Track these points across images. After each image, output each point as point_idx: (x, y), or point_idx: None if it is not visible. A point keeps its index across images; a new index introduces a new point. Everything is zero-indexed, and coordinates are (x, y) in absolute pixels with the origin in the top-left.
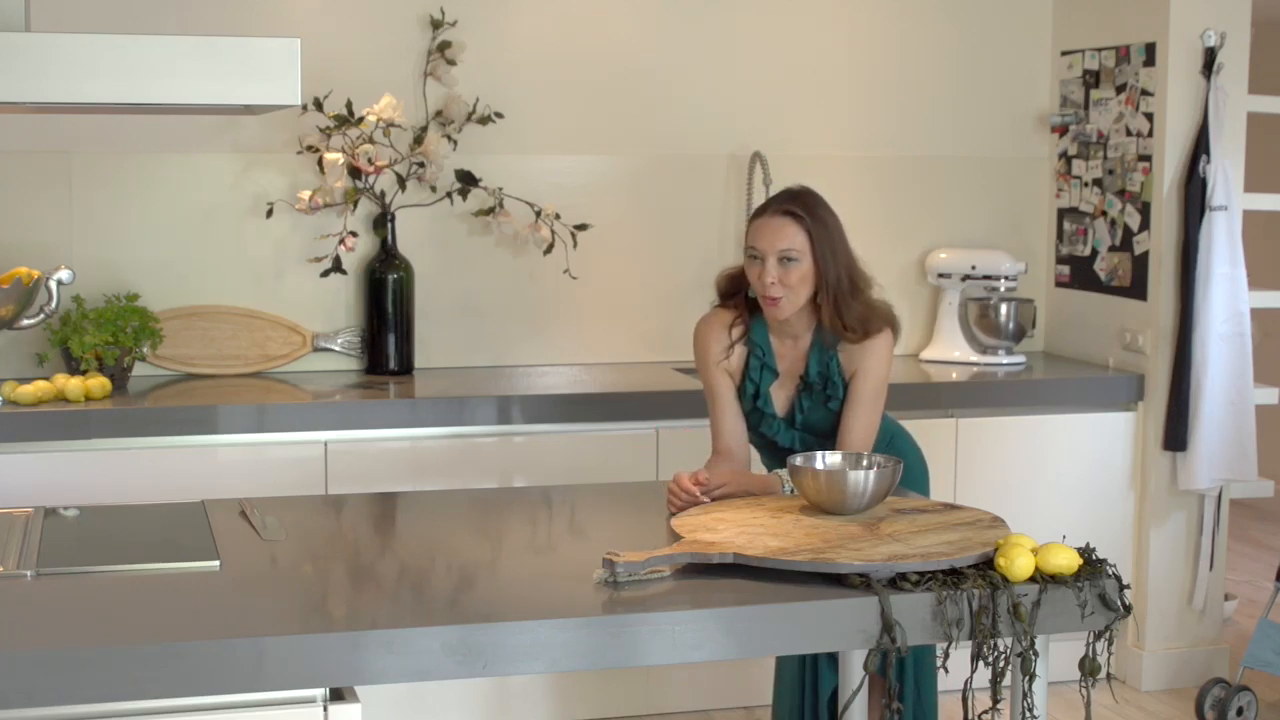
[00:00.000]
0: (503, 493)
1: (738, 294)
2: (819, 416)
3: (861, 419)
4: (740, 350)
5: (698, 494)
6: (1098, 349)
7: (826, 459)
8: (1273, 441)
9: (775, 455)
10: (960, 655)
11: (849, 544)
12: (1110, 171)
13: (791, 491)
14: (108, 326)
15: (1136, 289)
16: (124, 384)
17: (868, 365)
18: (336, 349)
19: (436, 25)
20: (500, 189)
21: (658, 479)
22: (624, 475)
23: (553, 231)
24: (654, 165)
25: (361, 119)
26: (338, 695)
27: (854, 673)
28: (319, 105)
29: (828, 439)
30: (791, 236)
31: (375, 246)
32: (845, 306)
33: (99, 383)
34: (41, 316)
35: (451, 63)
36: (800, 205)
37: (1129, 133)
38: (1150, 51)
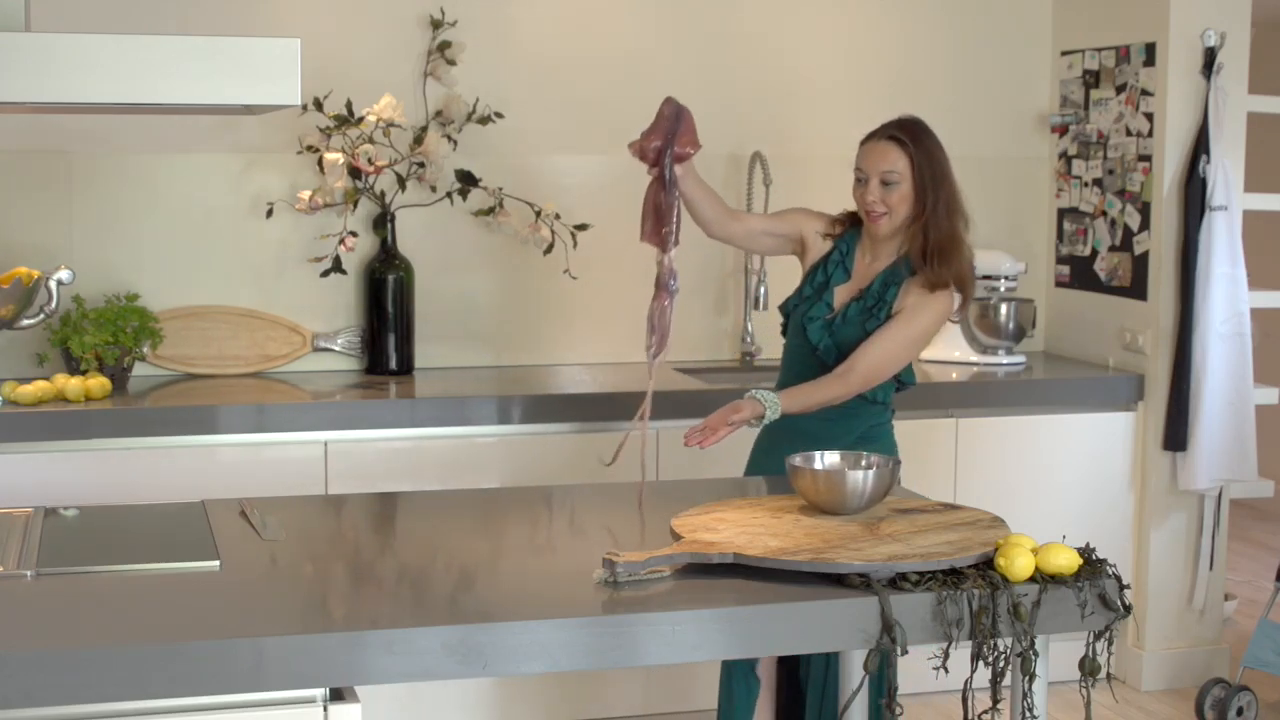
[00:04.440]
0: (503, 493)
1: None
2: (852, 333)
3: (877, 346)
4: (828, 244)
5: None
6: (1098, 349)
7: (825, 459)
8: (1273, 441)
9: (802, 361)
10: (960, 655)
11: (849, 544)
12: (1110, 171)
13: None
14: (108, 326)
15: (1136, 289)
16: (124, 384)
17: (914, 309)
18: (336, 349)
19: (436, 25)
20: (500, 189)
21: (658, 479)
22: (624, 475)
23: (553, 231)
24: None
25: (361, 119)
26: (338, 695)
27: (854, 673)
28: (319, 105)
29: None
30: (894, 160)
31: (375, 246)
32: (934, 229)
33: (99, 383)
34: (41, 316)
35: (451, 63)
36: (905, 132)
37: (1129, 133)
38: (1150, 51)
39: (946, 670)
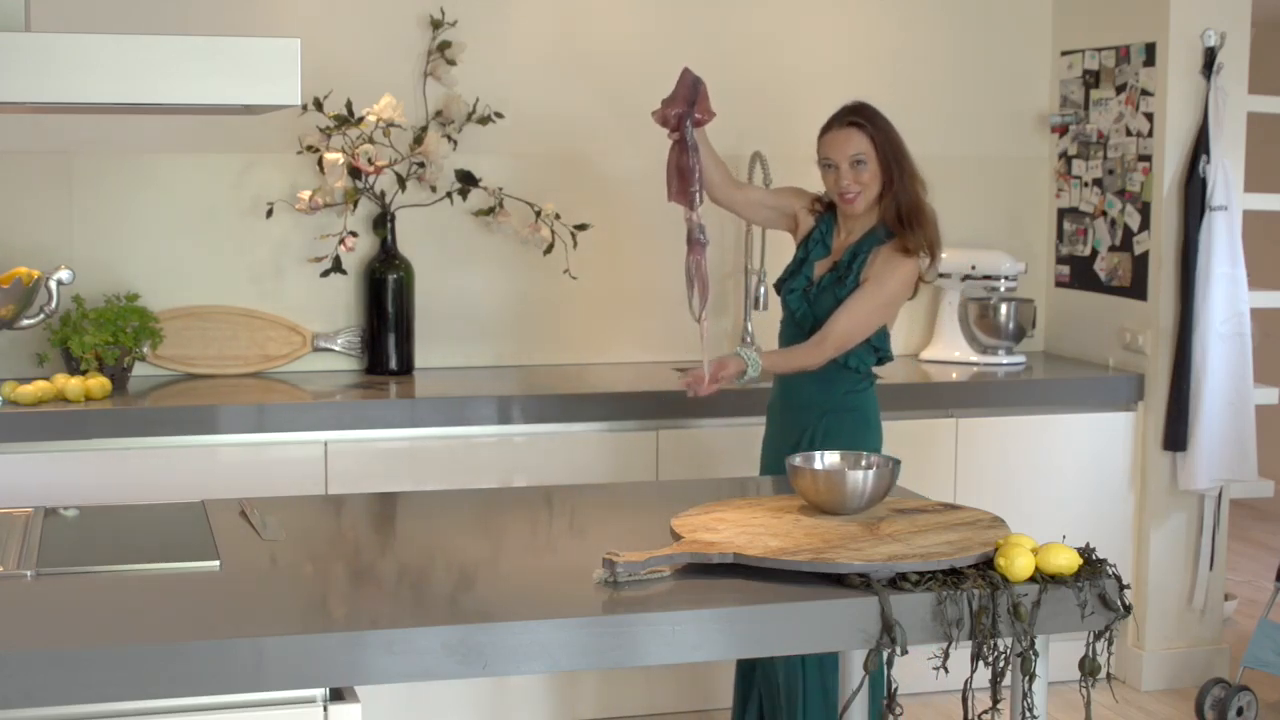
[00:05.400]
0: (503, 493)
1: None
2: (827, 300)
3: (846, 312)
4: (811, 221)
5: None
6: (1098, 349)
7: (825, 459)
8: (1273, 441)
9: (789, 330)
10: (960, 655)
11: (849, 544)
12: (1110, 171)
13: (743, 375)
14: (108, 326)
15: (1136, 289)
16: (124, 384)
17: (880, 275)
18: (336, 349)
19: (436, 25)
20: (500, 189)
21: (657, 479)
22: (624, 475)
23: (553, 231)
24: (654, 165)
25: (361, 119)
26: (338, 695)
27: (854, 673)
28: (319, 105)
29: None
30: (858, 143)
31: (375, 246)
32: (903, 197)
33: (99, 383)
34: (41, 316)
35: (451, 63)
36: (862, 115)
37: (1129, 133)
38: (1150, 51)
39: (946, 670)
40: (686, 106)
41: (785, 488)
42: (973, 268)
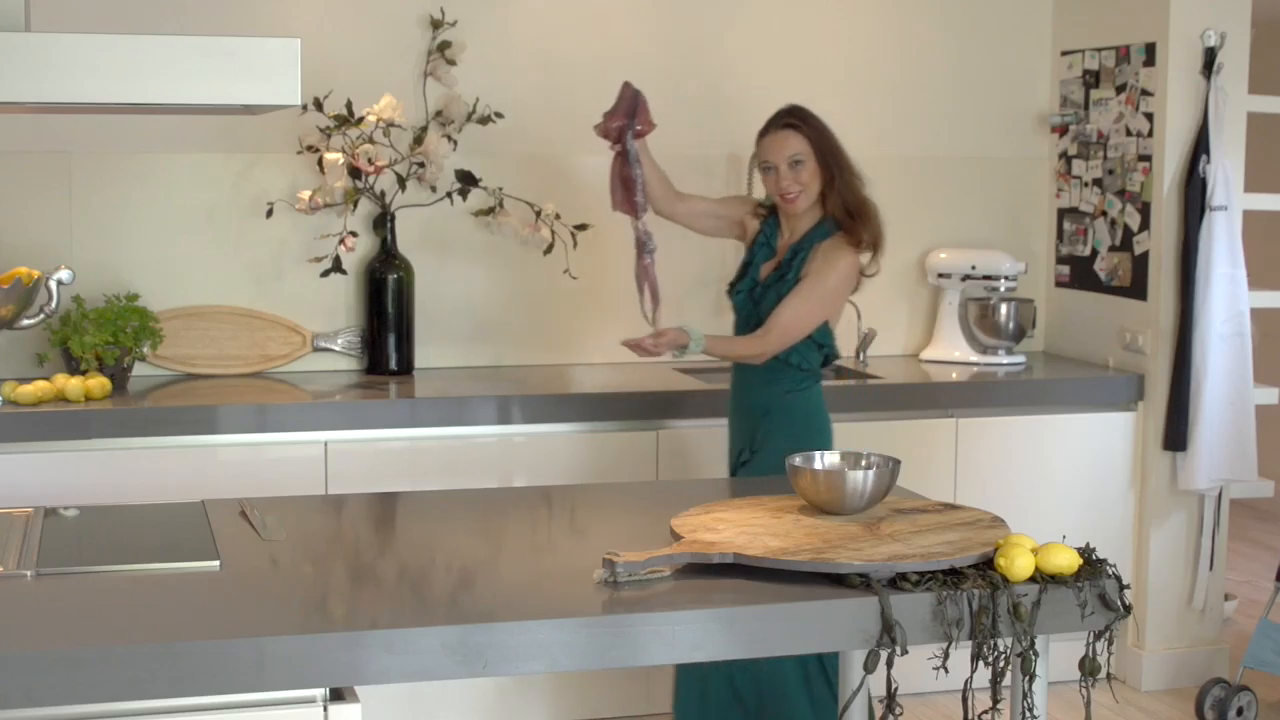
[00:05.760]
0: (503, 493)
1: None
2: (771, 299)
3: (788, 306)
4: (757, 225)
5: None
6: (1098, 349)
7: (825, 459)
8: (1273, 441)
9: (741, 331)
10: (960, 655)
11: (849, 544)
12: (1110, 171)
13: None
14: (108, 326)
15: (1136, 289)
16: (124, 384)
17: (819, 270)
18: (336, 349)
19: (436, 25)
20: (500, 189)
21: (657, 479)
22: (624, 475)
23: (553, 231)
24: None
25: (361, 119)
26: (338, 695)
27: (854, 673)
28: (319, 105)
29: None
30: (795, 144)
31: (375, 246)
32: (847, 193)
33: (99, 383)
34: (41, 316)
35: (451, 63)
36: (796, 116)
37: (1129, 133)
38: (1150, 51)
39: (946, 670)
40: (627, 119)
41: (785, 488)
42: (973, 268)
